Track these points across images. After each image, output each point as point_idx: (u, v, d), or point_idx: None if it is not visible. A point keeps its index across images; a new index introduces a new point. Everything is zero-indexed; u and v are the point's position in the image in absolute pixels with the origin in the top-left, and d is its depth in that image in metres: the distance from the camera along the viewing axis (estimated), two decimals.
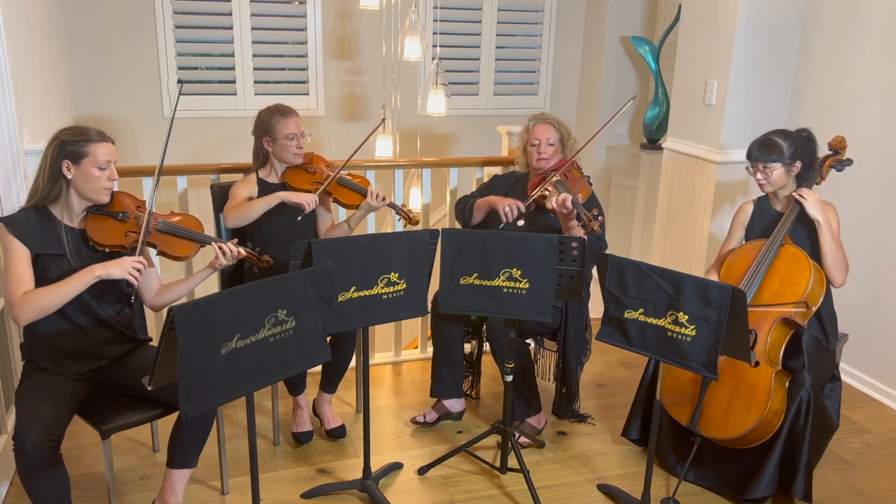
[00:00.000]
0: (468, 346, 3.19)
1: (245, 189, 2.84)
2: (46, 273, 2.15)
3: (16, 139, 2.73)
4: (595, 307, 2.70)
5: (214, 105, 4.98)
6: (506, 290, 2.48)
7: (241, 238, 2.67)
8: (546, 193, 2.80)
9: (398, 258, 2.39)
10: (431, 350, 3.08)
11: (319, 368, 3.08)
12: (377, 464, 2.72)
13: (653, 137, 5.17)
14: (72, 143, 2.13)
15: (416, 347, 3.82)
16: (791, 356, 2.58)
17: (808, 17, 3.63)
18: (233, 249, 2.32)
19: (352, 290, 2.33)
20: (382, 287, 2.38)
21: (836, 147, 2.77)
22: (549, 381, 3.19)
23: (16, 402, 2.26)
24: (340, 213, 3.26)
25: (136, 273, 2.13)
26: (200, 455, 2.29)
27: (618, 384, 3.49)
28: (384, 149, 4.32)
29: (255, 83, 5.02)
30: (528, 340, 3.09)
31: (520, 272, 2.45)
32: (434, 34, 5.03)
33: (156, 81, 4.83)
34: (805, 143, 2.68)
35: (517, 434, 2.84)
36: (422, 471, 2.76)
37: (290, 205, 2.72)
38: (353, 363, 3.29)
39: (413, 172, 4.41)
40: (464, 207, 3.08)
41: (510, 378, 2.63)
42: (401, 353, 3.72)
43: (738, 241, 2.86)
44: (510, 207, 2.82)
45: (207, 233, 2.41)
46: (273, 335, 1.93)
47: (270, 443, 2.92)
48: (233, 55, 4.93)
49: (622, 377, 3.55)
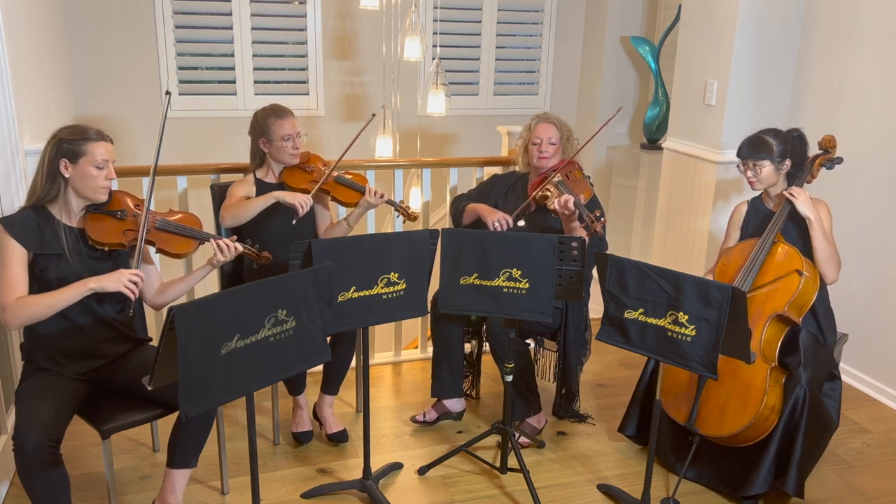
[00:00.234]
0: (468, 346, 3.19)
1: (243, 189, 2.84)
2: (45, 272, 2.15)
3: (16, 139, 2.73)
4: (595, 307, 2.70)
5: (214, 105, 4.98)
6: (506, 290, 2.48)
7: (240, 237, 2.68)
8: (547, 194, 2.80)
9: (398, 258, 2.39)
10: (431, 350, 3.08)
11: (320, 368, 3.08)
12: (377, 464, 2.72)
13: (653, 137, 5.17)
14: (70, 142, 2.13)
15: (416, 347, 3.82)
16: (788, 354, 2.59)
17: (808, 17, 3.63)
18: (231, 245, 2.32)
19: (352, 290, 2.33)
20: (382, 287, 2.38)
21: (826, 146, 2.81)
22: (549, 381, 3.19)
23: (16, 402, 2.26)
24: (340, 212, 3.26)
25: (133, 286, 2.10)
26: (200, 455, 2.29)
27: (618, 384, 3.49)
28: (384, 149, 4.32)
29: (255, 83, 5.02)
30: (528, 340, 3.09)
31: (520, 272, 2.45)
32: (434, 34, 5.03)
33: (156, 81, 4.83)
34: (796, 143, 2.71)
35: (517, 434, 2.84)
36: (422, 471, 2.76)
37: (286, 205, 2.72)
38: (353, 363, 3.29)
39: (413, 172, 4.41)
40: (457, 207, 3.09)
41: (510, 378, 2.63)
42: (401, 353, 3.72)
43: (736, 242, 2.87)
44: (500, 222, 2.84)
45: (207, 231, 2.41)
46: (273, 335, 1.93)
47: (270, 443, 2.92)
48: (233, 55, 4.94)
49: (622, 377, 3.55)
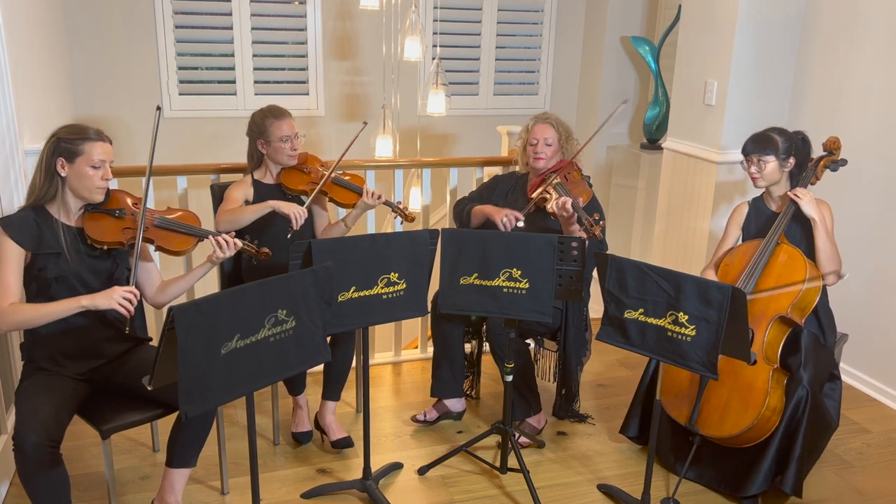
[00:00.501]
0: (468, 346, 3.19)
1: (240, 191, 2.83)
2: (44, 271, 2.15)
3: (16, 139, 2.73)
4: (595, 307, 2.70)
5: (214, 105, 4.97)
6: (506, 290, 2.48)
7: (239, 235, 2.67)
8: (546, 196, 2.79)
9: (398, 258, 2.39)
10: (431, 350, 3.08)
11: (320, 368, 3.08)
12: (377, 464, 2.72)
13: (653, 137, 5.17)
14: (67, 141, 2.14)
15: (416, 347, 3.82)
16: (790, 354, 2.59)
17: (808, 17, 3.63)
18: (230, 242, 2.32)
19: (352, 290, 2.33)
20: (382, 287, 2.38)
21: (831, 148, 2.80)
22: (549, 381, 3.19)
23: (16, 402, 2.26)
24: (339, 213, 3.26)
25: (126, 303, 2.08)
26: (200, 455, 2.29)
27: (618, 384, 3.49)
28: (384, 149, 4.32)
29: (255, 83, 5.02)
30: (528, 340, 3.09)
31: (520, 272, 2.45)
32: (434, 34, 5.03)
33: (156, 81, 4.83)
34: (800, 144, 2.72)
35: (517, 434, 2.84)
36: (422, 471, 2.76)
37: (281, 215, 2.71)
38: (353, 363, 3.29)
39: (413, 172, 4.41)
40: (461, 211, 3.08)
41: (510, 378, 2.63)
42: (401, 353, 3.72)
43: (734, 242, 2.87)
44: (507, 218, 2.82)
45: (206, 228, 2.41)
46: (273, 335, 1.93)
47: (270, 443, 2.92)
48: (233, 55, 4.93)
49: (622, 377, 3.55)
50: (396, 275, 2.40)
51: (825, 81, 3.59)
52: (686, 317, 2.16)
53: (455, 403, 3.09)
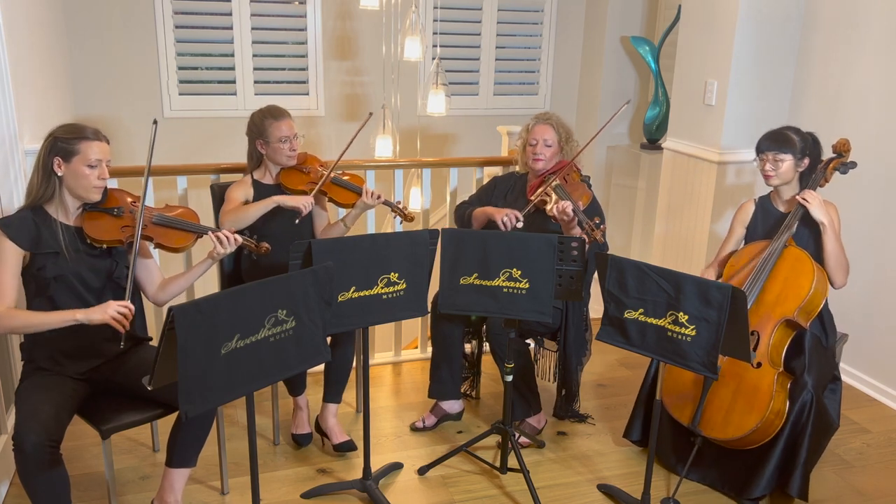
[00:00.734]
0: (468, 346, 3.19)
1: (241, 191, 2.83)
2: (43, 271, 2.15)
3: (16, 139, 2.73)
4: (595, 307, 2.70)
5: (214, 105, 4.97)
6: (506, 290, 2.47)
7: (240, 233, 2.67)
8: (546, 198, 2.79)
9: (398, 258, 2.39)
10: (431, 350, 3.08)
11: (320, 369, 3.08)
12: (377, 464, 2.72)
13: (653, 137, 5.17)
14: (63, 141, 2.14)
15: (416, 347, 3.82)
16: (793, 356, 2.58)
17: (808, 17, 3.63)
18: (230, 237, 2.32)
19: (352, 290, 2.33)
20: (382, 287, 2.38)
21: (840, 150, 2.76)
22: (550, 382, 3.19)
23: (16, 402, 2.26)
24: (339, 213, 3.26)
25: (121, 318, 2.06)
26: (200, 455, 2.29)
27: (618, 384, 3.49)
28: (384, 149, 4.32)
29: (255, 83, 5.02)
30: (528, 340, 3.09)
31: (520, 272, 2.45)
32: (434, 34, 5.03)
33: (156, 81, 4.83)
34: (811, 144, 2.69)
35: (517, 434, 2.84)
36: (422, 471, 2.76)
37: (287, 208, 2.72)
38: (353, 364, 3.29)
39: (413, 172, 4.41)
40: (462, 215, 3.08)
41: (510, 378, 2.63)
42: (401, 354, 3.72)
43: (739, 240, 2.85)
44: (508, 217, 2.81)
45: (205, 225, 2.41)
46: (273, 335, 1.93)
47: (270, 443, 2.92)
48: (233, 55, 4.93)
49: (622, 377, 3.55)
50: (396, 275, 2.40)
51: (825, 81, 3.59)
52: (686, 317, 2.16)
53: (452, 405, 3.09)
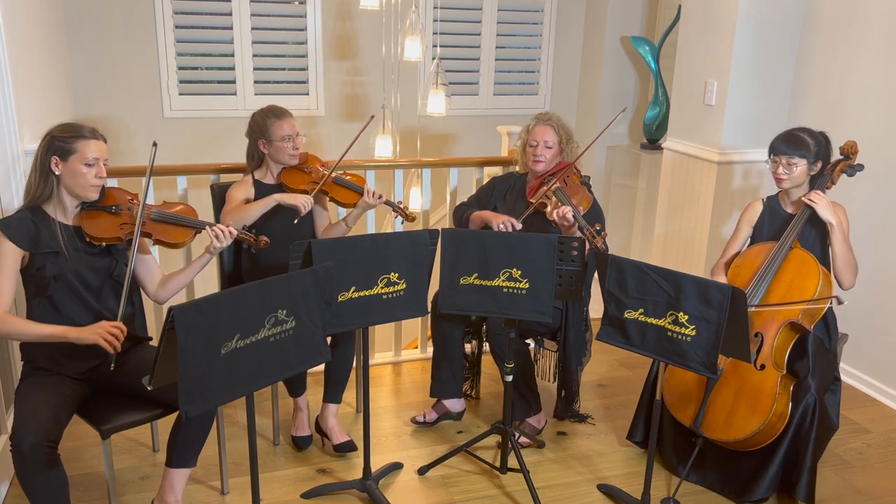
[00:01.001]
0: (468, 346, 3.19)
1: (242, 191, 2.83)
2: (42, 270, 2.15)
3: (16, 139, 2.73)
4: (595, 307, 2.70)
5: (214, 105, 4.97)
6: (506, 290, 2.47)
7: None
8: (546, 201, 2.78)
9: (398, 258, 2.39)
10: (431, 350, 3.08)
11: (320, 369, 3.08)
12: (377, 464, 2.72)
13: (653, 137, 5.16)
14: (61, 140, 2.14)
15: (416, 347, 3.82)
16: (795, 358, 2.57)
17: (808, 17, 3.63)
18: (227, 231, 2.33)
19: (352, 290, 2.33)
20: (382, 287, 2.38)
21: (848, 152, 2.73)
22: (550, 382, 3.19)
23: (15, 402, 2.26)
24: (340, 212, 3.26)
25: (112, 339, 2.06)
26: (200, 455, 2.29)
27: (618, 384, 3.49)
28: (384, 149, 4.32)
29: (255, 83, 5.02)
30: (528, 340, 3.09)
31: (520, 272, 2.45)
32: (434, 34, 5.02)
33: (156, 81, 4.82)
34: (824, 145, 2.66)
35: (517, 434, 2.84)
36: (422, 471, 2.76)
37: (286, 206, 2.72)
38: (354, 364, 3.29)
39: (413, 172, 4.41)
40: (460, 217, 3.08)
41: (510, 378, 2.63)
42: (401, 353, 3.72)
43: (745, 239, 2.83)
44: (504, 225, 2.82)
45: (203, 220, 2.41)
46: (273, 335, 1.93)
47: (270, 443, 2.92)
48: (233, 55, 4.93)
49: (622, 377, 3.55)
50: (396, 275, 2.40)
51: (825, 81, 3.59)
52: (686, 317, 2.15)
53: (454, 404, 3.09)
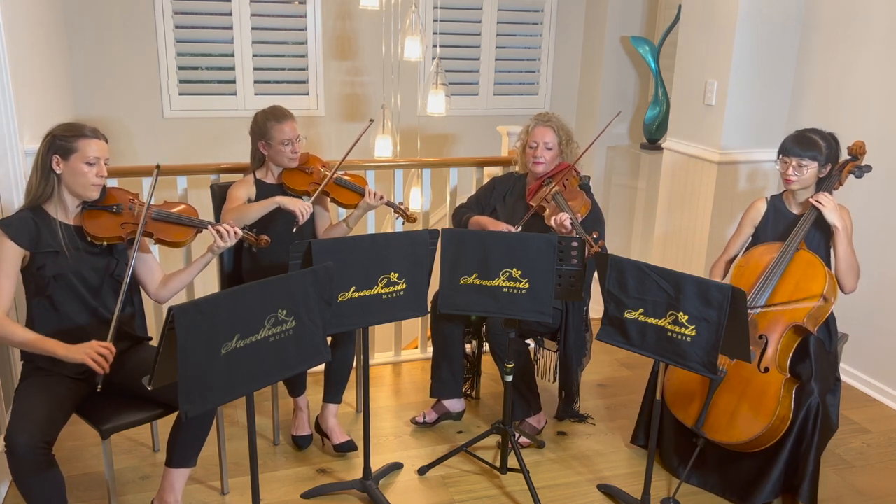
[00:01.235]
0: (468, 347, 3.19)
1: (243, 190, 2.83)
2: (43, 270, 2.16)
3: (16, 139, 2.73)
4: (595, 307, 2.70)
5: (214, 105, 4.97)
6: (506, 290, 2.47)
7: None
8: (545, 205, 2.78)
9: (398, 258, 2.39)
10: (431, 350, 3.08)
11: (320, 369, 3.08)
12: (377, 464, 2.72)
13: (653, 137, 5.16)
14: (62, 139, 2.15)
15: (416, 347, 3.82)
16: (797, 360, 2.56)
17: (809, 17, 3.63)
18: (230, 230, 2.32)
19: (352, 290, 2.33)
20: (382, 287, 2.38)
21: (856, 152, 2.69)
22: (550, 382, 3.19)
23: (13, 403, 2.26)
24: (340, 213, 3.26)
25: (101, 359, 2.04)
26: (200, 455, 2.29)
27: (618, 384, 3.49)
28: (384, 149, 4.32)
29: (255, 83, 5.02)
30: (528, 341, 3.09)
31: (520, 272, 2.45)
32: (434, 34, 5.02)
33: (156, 81, 4.82)
34: (834, 147, 2.62)
35: (517, 434, 2.84)
36: (422, 471, 2.76)
37: (285, 211, 2.71)
38: (354, 364, 3.29)
39: (413, 172, 4.41)
40: (460, 220, 3.09)
41: (510, 378, 2.63)
42: (401, 353, 3.72)
43: (747, 238, 2.81)
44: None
45: (204, 219, 2.41)
46: (273, 335, 1.93)
47: (270, 443, 2.92)
48: (233, 55, 4.93)
49: (622, 377, 3.55)
50: (396, 275, 2.40)
51: (825, 81, 3.59)
52: (686, 317, 2.15)
53: (454, 404, 3.09)
